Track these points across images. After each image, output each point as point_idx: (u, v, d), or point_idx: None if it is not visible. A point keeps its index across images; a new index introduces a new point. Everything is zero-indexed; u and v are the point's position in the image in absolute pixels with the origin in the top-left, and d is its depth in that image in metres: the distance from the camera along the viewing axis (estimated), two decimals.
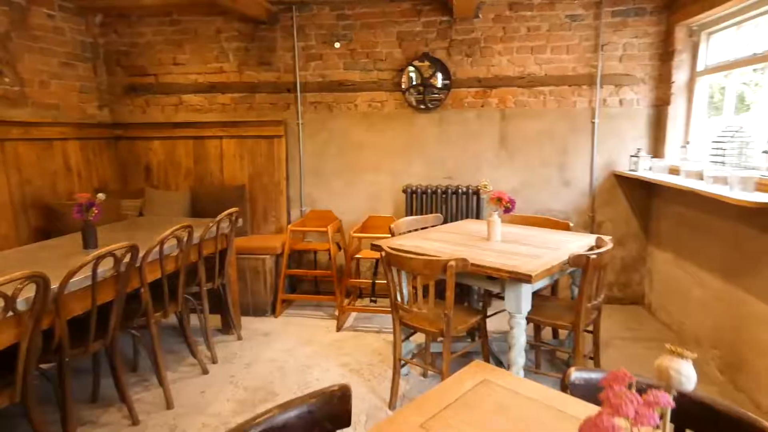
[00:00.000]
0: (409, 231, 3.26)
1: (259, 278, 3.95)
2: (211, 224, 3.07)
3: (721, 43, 3.39)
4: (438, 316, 2.43)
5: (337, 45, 4.12)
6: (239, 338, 3.56)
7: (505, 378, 1.27)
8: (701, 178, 3.01)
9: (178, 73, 4.39)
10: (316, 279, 4.39)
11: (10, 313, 1.78)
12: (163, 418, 2.60)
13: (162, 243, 2.59)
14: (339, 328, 3.74)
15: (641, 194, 3.97)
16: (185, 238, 2.79)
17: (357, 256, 3.79)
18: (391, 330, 2.68)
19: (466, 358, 2.94)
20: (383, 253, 2.50)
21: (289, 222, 4.38)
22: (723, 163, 3.01)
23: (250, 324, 3.83)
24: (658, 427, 0.55)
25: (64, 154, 3.96)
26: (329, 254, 3.91)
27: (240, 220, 3.41)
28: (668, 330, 3.63)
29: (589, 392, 1.19)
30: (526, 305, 2.36)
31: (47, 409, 2.35)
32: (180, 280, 2.85)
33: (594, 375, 1.29)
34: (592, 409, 1.10)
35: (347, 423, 1.18)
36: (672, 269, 3.62)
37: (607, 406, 0.57)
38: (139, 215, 4.18)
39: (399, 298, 2.56)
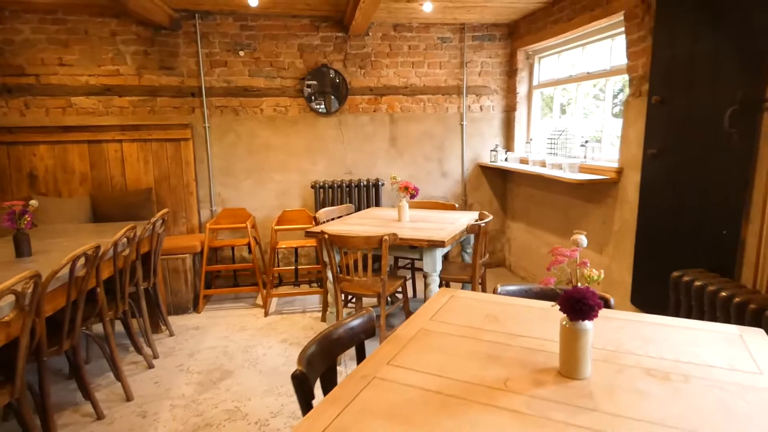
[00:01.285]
0: (329, 219, 3.79)
1: (179, 277, 4.08)
2: (147, 224, 3.21)
3: (548, 65, 4.58)
4: (375, 282, 3.03)
5: (241, 53, 4.42)
6: (171, 334, 3.70)
7: (467, 293, 1.94)
8: (543, 166, 4.10)
9: (65, 74, 4.21)
10: (235, 273, 4.63)
11: (8, 313, 1.90)
12: (128, 409, 2.75)
13: (116, 243, 2.73)
14: (266, 314, 4.09)
15: (499, 180, 5.07)
16: (131, 237, 2.93)
17: (279, 247, 4.18)
18: (315, 309, 3.19)
19: (389, 318, 3.59)
20: (326, 236, 3.01)
21: (200, 222, 4.53)
22: (555, 153, 4.15)
23: (175, 321, 3.95)
24: (576, 260, 1.23)
25: None
26: (249, 248, 4.23)
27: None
28: (526, 281, 4.76)
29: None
30: (439, 265, 3.10)
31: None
32: (126, 279, 2.98)
33: (510, 287, 2.03)
34: (536, 301, 1.82)
35: (373, 334, 1.72)
36: (524, 235, 4.75)
37: (555, 255, 1.24)
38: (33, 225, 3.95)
39: (340, 272, 3.09)
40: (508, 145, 4.96)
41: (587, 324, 1.19)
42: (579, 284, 1.20)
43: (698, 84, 2.54)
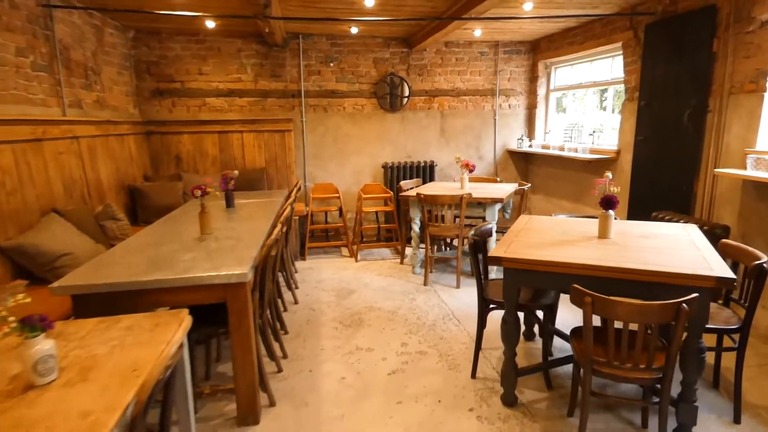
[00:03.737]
0: (409, 189, 5.21)
1: (292, 233, 5.48)
2: (289, 192, 4.61)
3: (563, 73, 6.04)
4: (455, 227, 4.47)
5: (331, 64, 5.80)
6: (296, 270, 5.11)
7: (538, 217, 3.38)
8: (562, 150, 5.56)
9: (202, 81, 5.57)
10: (327, 231, 6.05)
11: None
12: (301, 306, 4.15)
13: (292, 206, 4.13)
14: (356, 260, 5.51)
15: (523, 162, 6.53)
16: (288, 199, 4.34)
17: (364, 211, 5.60)
18: (389, 258, 4.63)
19: (448, 260, 5.04)
20: (422, 196, 4.43)
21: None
22: (570, 140, 5.62)
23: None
24: (606, 183, 2.66)
25: (129, 146, 4.94)
26: (340, 212, 5.64)
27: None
28: None
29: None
30: (497, 216, 4.55)
31: None
32: (291, 233, 4.38)
33: (560, 215, 3.47)
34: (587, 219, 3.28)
35: (491, 234, 3.14)
36: (543, 204, 6.22)
37: (597, 182, 2.66)
38: (184, 194, 5.32)
39: (430, 220, 4.53)
40: (531, 135, 6.42)
41: (611, 212, 2.65)
42: (608, 193, 2.66)
43: (669, 94, 4.01)
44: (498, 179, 5.57)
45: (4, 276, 2.81)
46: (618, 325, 1.95)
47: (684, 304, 1.84)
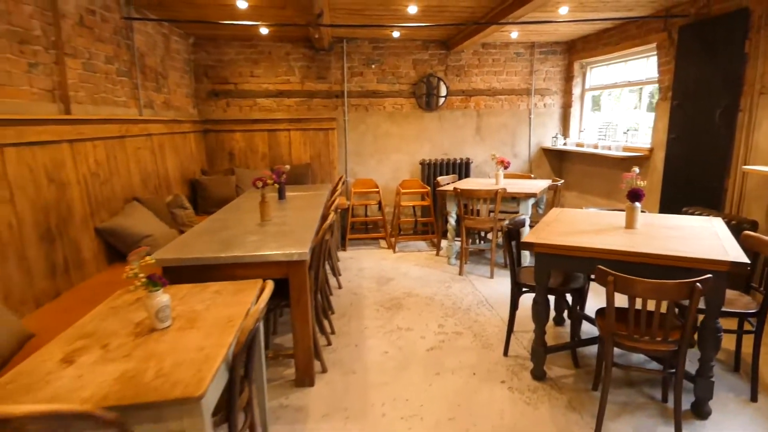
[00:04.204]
0: (446, 184, 5.48)
1: (335, 226, 5.85)
2: (335, 185, 4.97)
3: (598, 73, 6.17)
4: (490, 220, 4.72)
5: (372, 66, 6.13)
6: (338, 259, 5.48)
7: (569, 210, 3.61)
8: (596, 147, 5.72)
9: (254, 82, 6.01)
10: (366, 224, 6.40)
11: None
12: (345, 290, 4.50)
13: (332, 193, 4.49)
14: (394, 251, 5.83)
15: (557, 160, 6.69)
16: (334, 191, 4.69)
17: (402, 205, 5.91)
18: (425, 250, 4.91)
19: (482, 252, 5.29)
20: (459, 190, 4.70)
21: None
22: (605, 138, 5.77)
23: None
24: (634, 177, 2.87)
25: (190, 143, 5.42)
26: (379, 205, 5.97)
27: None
28: None
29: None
30: (530, 210, 4.77)
31: None
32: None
33: (590, 208, 3.69)
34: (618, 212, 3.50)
35: (524, 225, 3.40)
36: (576, 200, 6.37)
37: (625, 176, 2.87)
38: (236, 187, 5.77)
39: (466, 213, 4.80)
40: (565, 133, 6.58)
41: (638, 204, 2.87)
42: (635, 186, 2.88)
43: (701, 94, 4.14)
44: (532, 176, 5.78)
45: (99, 252, 3.28)
46: (638, 308, 2.20)
47: (698, 284, 2.07)
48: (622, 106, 5.75)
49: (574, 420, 2.52)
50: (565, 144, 6.35)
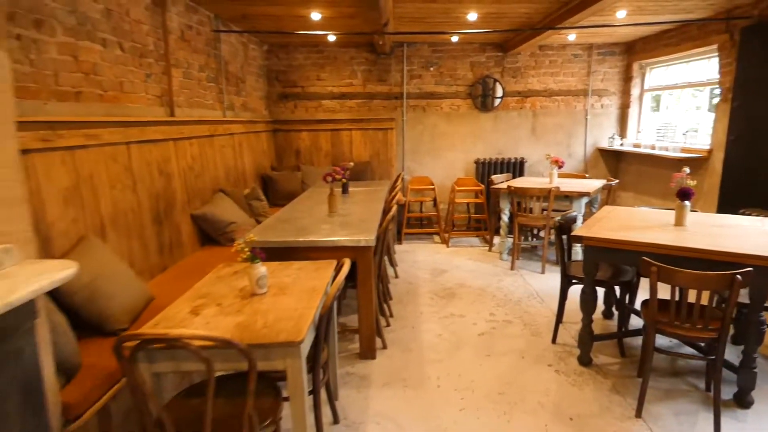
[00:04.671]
0: (500, 182, 5.69)
1: (394, 220, 6.20)
2: (400, 183, 5.31)
3: (657, 73, 6.15)
4: (543, 217, 4.90)
5: (431, 69, 6.43)
6: (394, 252, 5.82)
7: (619, 207, 3.75)
8: (653, 149, 5.73)
9: (319, 86, 6.46)
10: (422, 219, 6.72)
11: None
12: (401, 280, 4.84)
13: (392, 189, 4.82)
14: (448, 245, 6.10)
15: (613, 160, 6.71)
16: (394, 187, 5.03)
17: (456, 202, 6.17)
18: (477, 246, 5.11)
19: (534, 249, 5.45)
20: (512, 188, 4.91)
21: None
22: (664, 138, 5.76)
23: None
24: (684, 177, 3.00)
25: (262, 142, 5.95)
26: (434, 202, 6.26)
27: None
28: None
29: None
30: (583, 209, 4.90)
31: None
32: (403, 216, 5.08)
33: (641, 207, 3.81)
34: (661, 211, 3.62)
35: (575, 221, 3.59)
36: (632, 201, 6.37)
37: (675, 176, 3.01)
38: (302, 182, 6.24)
39: (519, 210, 4.99)
40: (622, 134, 6.58)
41: (687, 203, 3.00)
42: (684, 185, 3.01)
43: (763, 95, 4.13)
44: (587, 176, 5.87)
45: (193, 235, 3.79)
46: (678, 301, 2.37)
47: (738, 276, 2.23)
48: (681, 106, 5.72)
49: (617, 401, 2.72)
50: (621, 144, 6.37)
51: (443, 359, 3.23)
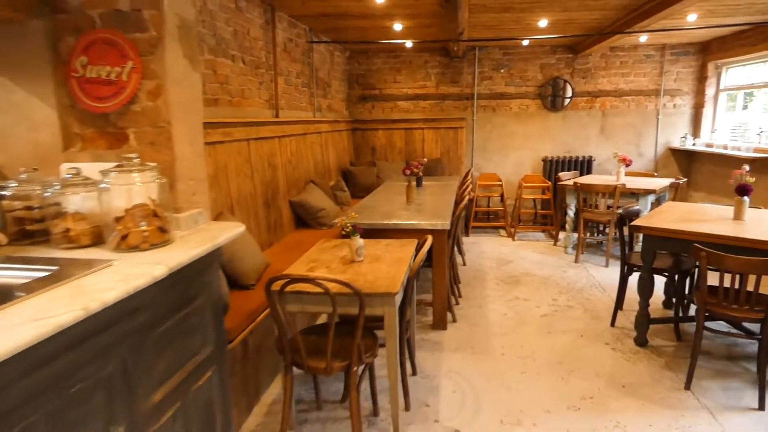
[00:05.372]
0: (567, 179, 5.93)
1: (465, 209, 6.61)
2: (470, 178, 5.72)
3: (734, 73, 6.09)
4: (608, 213, 5.12)
5: (501, 71, 6.76)
6: (462, 243, 6.23)
7: (680, 203, 3.95)
8: (725, 149, 5.72)
9: (395, 88, 7.00)
10: (489, 213, 7.08)
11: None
12: (469, 268, 5.26)
13: (463, 183, 5.24)
14: (513, 239, 6.42)
15: (685, 160, 6.69)
16: (466, 181, 5.45)
17: (523, 198, 6.47)
18: (542, 240, 5.37)
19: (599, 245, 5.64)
20: (578, 184, 5.16)
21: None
22: (736, 139, 5.73)
23: None
24: (743, 173, 3.19)
25: (343, 139, 6.59)
26: (502, 197, 6.60)
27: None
28: None
29: None
30: (649, 207, 5.06)
31: None
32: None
33: (702, 203, 3.97)
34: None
35: (638, 215, 3.83)
36: (704, 200, 6.34)
37: (734, 172, 3.21)
38: (377, 177, 6.80)
39: (585, 206, 5.24)
40: (695, 134, 6.56)
41: (746, 198, 3.20)
42: (743, 182, 3.21)
43: None
44: (655, 174, 5.95)
45: (290, 219, 4.45)
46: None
47: None
48: (758, 106, 5.66)
49: (668, 376, 3.01)
50: (694, 144, 6.36)
51: (507, 333, 3.64)
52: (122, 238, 1.67)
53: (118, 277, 1.41)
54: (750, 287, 2.62)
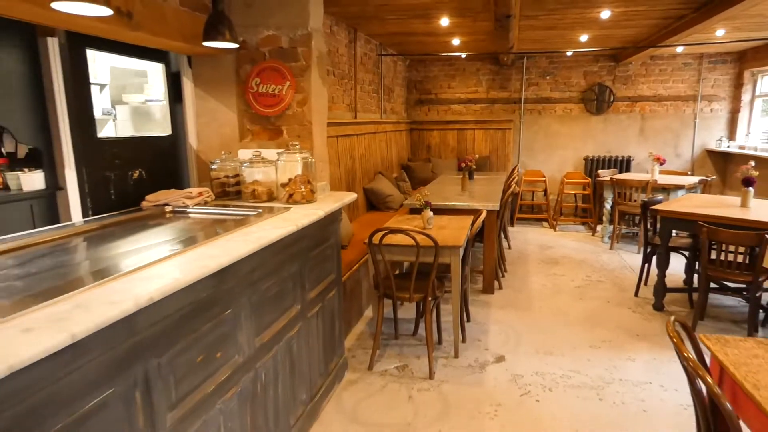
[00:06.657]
0: (605, 176, 6.57)
1: (508, 207, 7.36)
2: (517, 173, 6.48)
3: None
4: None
5: (547, 78, 7.46)
6: (508, 231, 6.99)
7: (702, 195, 4.57)
8: (755, 150, 6.20)
9: (449, 93, 7.83)
10: (533, 207, 7.80)
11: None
12: (513, 251, 6.02)
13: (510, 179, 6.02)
14: (555, 230, 7.10)
15: (721, 161, 7.16)
16: (511, 177, 6.22)
17: (565, 192, 7.15)
18: (580, 231, 6.03)
19: (634, 236, 6.25)
20: (614, 180, 5.82)
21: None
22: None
23: None
24: (748, 169, 3.82)
25: (403, 138, 7.49)
26: (545, 192, 7.30)
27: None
28: None
29: None
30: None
31: None
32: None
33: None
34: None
35: (660, 202, 4.50)
36: None
37: (741, 167, 3.85)
38: (432, 172, 7.65)
39: (620, 199, 5.89)
40: (731, 137, 7.02)
41: (751, 188, 3.84)
42: (747, 175, 3.85)
43: None
44: (688, 173, 6.49)
45: (363, 203, 5.38)
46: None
47: (767, 235, 3.14)
48: None
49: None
50: (728, 147, 6.83)
51: (545, 298, 4.41)
52: (290, 196, 2.62)
53: (300, 215, 2.35)
54: (736, 256, 3.31)
